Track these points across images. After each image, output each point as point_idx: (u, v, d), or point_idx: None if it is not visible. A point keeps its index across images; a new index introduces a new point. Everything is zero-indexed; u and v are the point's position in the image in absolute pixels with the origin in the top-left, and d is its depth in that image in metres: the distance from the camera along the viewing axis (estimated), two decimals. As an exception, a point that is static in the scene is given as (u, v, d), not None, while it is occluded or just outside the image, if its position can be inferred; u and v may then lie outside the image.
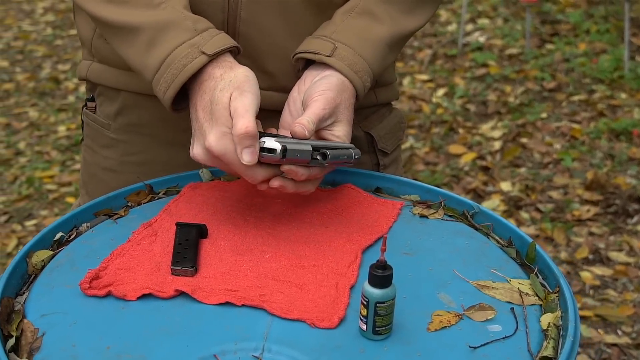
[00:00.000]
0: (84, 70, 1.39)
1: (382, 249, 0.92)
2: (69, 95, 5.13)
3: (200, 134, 1.11)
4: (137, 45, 1.16)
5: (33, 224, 3.65)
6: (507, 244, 1.17)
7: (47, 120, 4.76)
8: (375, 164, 1.41)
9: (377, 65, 1.23)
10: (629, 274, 3.19)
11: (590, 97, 4.67)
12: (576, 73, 4.98)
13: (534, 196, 3.73)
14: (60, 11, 6.90)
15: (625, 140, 4.15)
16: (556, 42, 5.47)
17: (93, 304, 1.00)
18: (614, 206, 3.62)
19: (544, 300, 1.04)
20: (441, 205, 1.24)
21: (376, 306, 0.93)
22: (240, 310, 0.99)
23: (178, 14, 1.15)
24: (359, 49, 1.20)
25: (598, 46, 5.31)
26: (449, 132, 4.41)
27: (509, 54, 5.40)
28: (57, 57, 5.85)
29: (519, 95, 4.78)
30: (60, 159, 4.27)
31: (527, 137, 4.29)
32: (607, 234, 3.45)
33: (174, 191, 1.28)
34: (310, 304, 0.99)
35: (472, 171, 4.00)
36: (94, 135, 1.42)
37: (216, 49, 1.12)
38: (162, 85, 1.14)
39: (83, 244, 1.13)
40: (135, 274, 1.04)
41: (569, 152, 4.09)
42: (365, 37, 1.22)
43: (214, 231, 1.14)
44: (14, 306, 1.01)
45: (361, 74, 1.20)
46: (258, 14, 1.23)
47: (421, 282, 1.06)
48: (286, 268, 1.06)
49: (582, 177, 3.86)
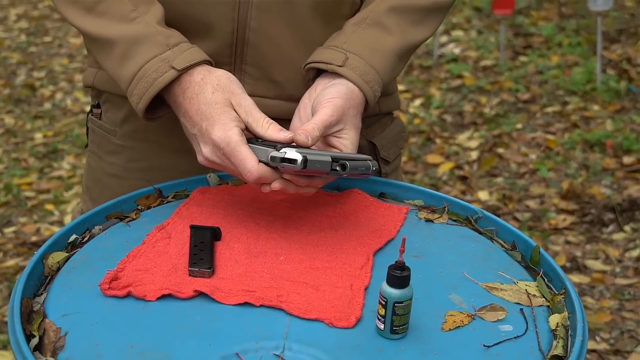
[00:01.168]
0: (91, 78, 1.40)
1: (401, 250, 0.95)
2: (45, 102, 5.11)
3: (201, 135, 1.14)
4: (113, 57, 1.19)
5: (12, 231, 3.64)
6: (512, 247, 1.20)
7: (23, 127, 4.73)
8: (378, 172, 1.44)
9: (387, 75, 1.26)
10: (605, 281, 3.25)
11: (564, 108, 4.75)
12: (550, 85, 5.06)
13: (511, 205, 3.79)
14: (34, 18, 6.87)
15: (599, 151, 4.22)
16: (529, 55, 5.55)
17: (113, 304, 1.01)
18: (590, 215, 3.68)
19: (551, 301, 1.07)
20: (445, 210, 1.28)
21: (394, 306, 0.96)
22: (258, 310, 1.01)
23: (151, 28, 1.18)
24: (369, 59, 1.24)
25: (570, 59, 5.40)
26: (426, 142, 4.46)
27: (483, 65, 5.47)
28: (31, 64, 5.82)
29: (494, 106, 4.85)
30: (38, 166, 4.25)
31: (503, 147, 4.36)
32: (584, 243, 3.51)
33: (183, 195, 1.30)
34: (327, 304, 1.02)
35: (450, 180, 4.05)
36: (100, 142, 1.44)
37: (186, 63, 1.16)
38: (134, 97, 1.18)
39: (97, 246, 1.15)
40: (153, 275, 1.06)
41: (545, 162, 4.15)
42: (375, 48, 1.25)
43: (227, 234, 1.16)
44: (33, 306, 1.02)
45: (372, 83, 1.23)
46: (267, 24, 1.26)
47: (432, 283, 1.08)
48: (301, 270, 1.08)
49: (558, 186, 3.92)
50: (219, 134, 1.11)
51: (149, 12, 1.20)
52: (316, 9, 1.27)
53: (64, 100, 5.13)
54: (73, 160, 4.31)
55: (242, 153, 1.09)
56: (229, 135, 1.10)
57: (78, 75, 5.54)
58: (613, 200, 3.75)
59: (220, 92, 1.14)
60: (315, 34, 1.28)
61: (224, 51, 1.28)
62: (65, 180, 4.09)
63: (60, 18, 6.80)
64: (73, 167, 4.22)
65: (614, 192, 3.84)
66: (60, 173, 4.17)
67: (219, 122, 1.11)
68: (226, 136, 1.10)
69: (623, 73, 5.08)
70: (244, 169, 1.09)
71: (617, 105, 4.70)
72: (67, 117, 4.88)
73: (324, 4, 1.28)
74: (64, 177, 4.13)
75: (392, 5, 1.27)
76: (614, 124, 4.45)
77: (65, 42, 6.25)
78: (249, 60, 1.29)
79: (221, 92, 1.14)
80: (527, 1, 6.36)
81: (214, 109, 1.12)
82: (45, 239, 3.56)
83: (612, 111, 4.64)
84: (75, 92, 5.25)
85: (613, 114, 4.59)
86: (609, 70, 5.13)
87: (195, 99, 1.15)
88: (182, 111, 1.18)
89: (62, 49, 6.10)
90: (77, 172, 4.18)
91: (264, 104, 1.24)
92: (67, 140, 4.53)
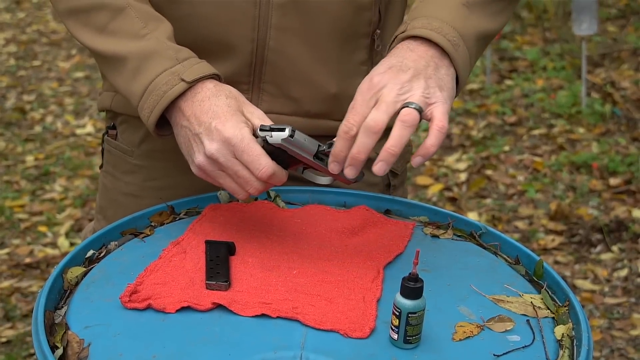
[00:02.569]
0: (108, 102, 1.44)
1: (415, 262, 0.99)
2: (36, 125, 5.13)
3: (208, 132, 1.15)
4: (125, 73, 1.23)
5: (6, 253, 3.64)
6: (515, 261, 1.24)
7: (14, 150, 4.75)
8: (387, 184, 1.48)
9: (459, 22, 1.19)
10: (594, 300, 3.29)
11: (550, 131, 4.81)
12: (535, 108, 5.13)
13: (500, 226, 3.83)
14: (23, 42, 6.89)
15: (586, 173, 4.28)
16: (515, 78, 5.63)
17: (134, 316, 1.04)
18: (578, 236, 3.73)
19: (556, 313, 1.11)
20: (450, 226, 1.31)
21: (408, 316, 0.99)
22: (275, 321, 1.04)
23: (161, 44, 1.22)
24: (432, 13, 1.19)
25: (555, 82, 5.48)
26: (415, 164, 4.51)
27: (470, 89, 5.54)
28: (21, 87, 5.83)
29: (482, 129, 4.91)
30: (30, 189, 4.26)
31: (492, 169, 4.41)
32: (572, 263, 3.55)
33: (195, 212, 1.33)
34: (341, 315, 1.05)
35: (440, 202, 4.10)
36: (115, 162, 1.47)
37: (195, 76, 1.19)
38: (145, 111, 1.21)
39: (114, 261, 1.18)
40: (171, 288, 1.09)
41: (532, 184, 4.21)
42: (437, 3, 1.22)
43: (240, 249, 1.19)
44: (54, 319, 1.05)
45: (439, 29, 1.16)
46: (286, 44, 1.30)
47: (441, 296, 1.12)
48: (314, 283, 1.12)
49: (546, 207, 3.97)
50: (233, 131, 1.14)
51: (158, 28, 1.24)
52: (334, 28, 1.31)
53: (55, 123, 5.14)
54: (65, 182, 4.33)
55: (257, 149, 1.13)
56: (243, 132, 1.14)
57: (68, 98, 5.56)
58: (600, 221, 3.80)
59: (233, 100, 1.19)
60: (332, 52, 1.32)
61: (243, 71, 1.32)
62: (57, 202, 4.11)
63: (49, 42, 6.83)
64: (65, 189, 4.24)
65: (601, 213, 3.90)
66: (52, 195, 4.19)
67: (231, 120, 1.15)
68: (240, 133, 1.13)
69: (607, 96, 5.16)
70: (258, 164, 1.12)
71: (602, 127, 4.77)
72: (58, 139, 4.89)
73: (341, 23, 1.32)
74: (56, 199, 4.14)
75: None
76: (600, 147, 4.52)
77: (55, 65, 6.27)
78: (267, 78, 1.33)
79: (234, 100, 1.19)
80: (511, 26, 6.45)
81: (227, 110, 1.16)
82: (39, 260, 3.57)
83: (598, 134, 4.71)
84: (66, 115, 5.26)
85: (598, 137, 4.66)
86: (593, 94, 5.21)
87: (207, 101, 1.18)
88: (186, 115, 1.19)
89: (52, 73, 6.12)
90: (69, 194, 4.19)
91: (281, 121, 1.27)
92: (58, 163, 4.54)
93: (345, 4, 1.31)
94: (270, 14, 1.29)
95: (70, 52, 6.52)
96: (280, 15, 1.29)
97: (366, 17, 1.34)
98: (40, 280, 3.43)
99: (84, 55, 6.32)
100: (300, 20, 1.30)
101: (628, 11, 6.51)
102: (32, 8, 7.79)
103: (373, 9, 1.34)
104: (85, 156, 4.64)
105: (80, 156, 4.64)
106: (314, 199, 1.38)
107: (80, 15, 1.26)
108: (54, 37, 6.93)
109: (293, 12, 1.29)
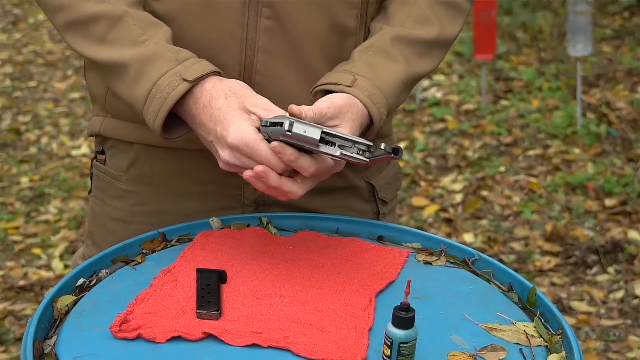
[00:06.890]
0: (97, 126, 1.44)
1: (406, 291, 0.98)
2: (31, 146, 5.12)
3: (217, 140, 1.18)
4: (127, 80, 1.23)
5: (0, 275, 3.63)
6: (508, 289, 1.24)
7: (9, 171, 4.74)
8: (376, 212, 1.48)
9: (392, 99, 1.30)
10: (591, 322, 3.28)
11: (546, 151, 4.82)
12: (531, 128, 5.14)
13: (496, 247, 3.83)
14: (18, 63, 6.90)
15: (581, 194, 4.29)
16: (510, 99, 5.64)
17: (124, 346, 1.04)
18: (574, 257, 3.73)
19: (549, 341, 1.11)
20: (443, 253, 1.31)
21: (400, 346, 0.99)
22: (266, 351, 1.04)
23: (161, 47, 1.23)
24: (376, 82, 1.28)
25: (550, 103, 5.49)
26: (411, 185, 4.51)
27: (465, 109, 5.55)
28: (17, 108, 5.83)
29: (477, 149, 4.91)
30: (25, 210, 4.25)
31: (487, 190, 4.41)
32: (568, 284, 3.55)
33: (186, 239, 1.32)
34: (333, 345, 1.04)
35: (435, 223, 4.10)
36: (104, 187, 1.47)
37: (197, 74, 1.21)
38: (150, 114, 1.21)
39: (105, 289, 1.17)
40: (162, 317, 1.08)
41: (528, 204, 4.21)
42: (382, 73, 1.29)
43: (232, 276, 1.18)
44: (44, 349, 1.04)
45: (379, 105, 1.27)
46: (273, 66, 1.31)
47: (433, 324, 1.11)
48: (305, 311, 1.11)
49: (542, 228, 3.97)
50: (235, 136, 1.15)
51: (157, 33, 1.25)
52: (321, 51, 1.33)
53: (50, 144, 5.14)
54: (60, 204, 4.32)
55: (263, 150, 1.14)
56: (245, 135, 1.15)
57: (63, 119, 5.56)
58: (596, 242, 3.80)
59: (233, 97, 1.19)
60: (320, 73, 1.32)
61: None
62: (52, 224, 4.09)
63: (45, 62, 6.84)
64: (60, 211, 4.23)
65: (597, 234, 3.89)
66: (47, 217, 4.18)
67: (233, 124, 1.16)
68: (242, 137, 1.15)
69: (602, 117, 5.17)
70: (268, 164, 1.14)
71: (597, 148, 4.77)
72: (53, 161, 4.89)
73: (327, 47, 1.33)
74: (50, 221, 4.13)
75: (396, 35, 1.32)
76: (595, 167, 4.53)
77: (50, 86, 6.27)
78: None
79: (234, 98, 1.19)
80: (507, 46, 6.48)
81: (226, 112, 1.17)
82: (32, 283, 3.55)
83: (593, 154, 4.71)
84: (61, 136, 5.26)
85: (594, 157, 4.67)
86: (588, 114, 5.22)
87: (208, 106, 1.19)
88: (197, 122, 1.22)
89: (47, 94, 6.12)
90: (64, 215, 4.18)
91: None
92: (53, 184, 4.53)
93: (332, 28, 1.32)
94: (258, 37, 1.30)
95: (66, 73, 6.53)
96: (267, 38, 1.30)
97: (352, 41, 1.35)
98: (34, 303, 3.42)
99: (79, 75, 6.32)
100: (287, 43, 1.31)
101: (623, 31, 6.55)
102: (29, 29, 7.80)
103: (358, 34, 1.35)
104: (80, 177, 4.63)
105: (76, 177, 4.64)
106: (306, 225, 1.37)
107: (78, 28, 1.27)
108: (50, 58, 6.94)
109: (280, 36, 1.30)
